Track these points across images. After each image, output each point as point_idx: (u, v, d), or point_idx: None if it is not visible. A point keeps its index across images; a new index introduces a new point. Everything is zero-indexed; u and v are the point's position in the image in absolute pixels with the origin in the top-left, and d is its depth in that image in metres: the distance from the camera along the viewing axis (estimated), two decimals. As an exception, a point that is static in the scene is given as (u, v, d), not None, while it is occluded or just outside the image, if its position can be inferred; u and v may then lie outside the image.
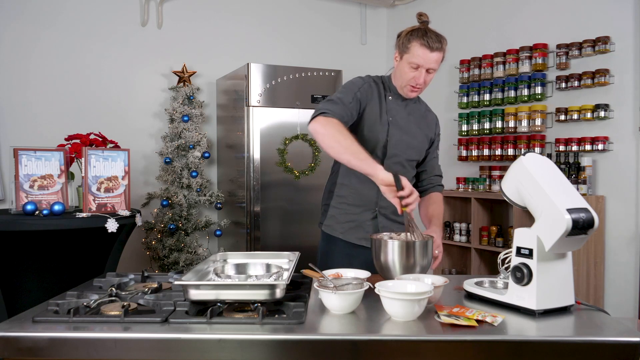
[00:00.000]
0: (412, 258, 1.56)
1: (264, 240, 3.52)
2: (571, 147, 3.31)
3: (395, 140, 1.88)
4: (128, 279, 1.66)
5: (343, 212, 1.94)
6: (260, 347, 1.16)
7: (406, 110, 1.93)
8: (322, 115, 1.74)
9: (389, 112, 1.89)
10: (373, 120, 1.87)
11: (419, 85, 1.85)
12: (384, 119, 1.88)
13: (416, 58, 1.78)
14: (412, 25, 1.84)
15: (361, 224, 1.92)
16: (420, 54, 1.78)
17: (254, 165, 3.48)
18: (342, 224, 1.93)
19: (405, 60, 1.82)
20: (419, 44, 1.77)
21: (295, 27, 4.42)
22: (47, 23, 3.57)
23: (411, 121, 1.94)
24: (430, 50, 1.77)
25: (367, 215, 1.92)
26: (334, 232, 1.95)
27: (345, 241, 1.93)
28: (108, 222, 2.38)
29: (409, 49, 1.80)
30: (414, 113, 1.96)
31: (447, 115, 4.23)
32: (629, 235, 3.17)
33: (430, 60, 1.79)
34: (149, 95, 3.89)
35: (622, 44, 3.16)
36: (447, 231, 3.97)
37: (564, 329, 1.26)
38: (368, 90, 1.87)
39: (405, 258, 1.56)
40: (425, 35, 1.78)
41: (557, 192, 1.31)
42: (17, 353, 1.16)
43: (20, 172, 2.44)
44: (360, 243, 1.91)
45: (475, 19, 4.07)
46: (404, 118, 1.92)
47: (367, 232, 1.90)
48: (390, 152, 1.88)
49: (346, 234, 1.93)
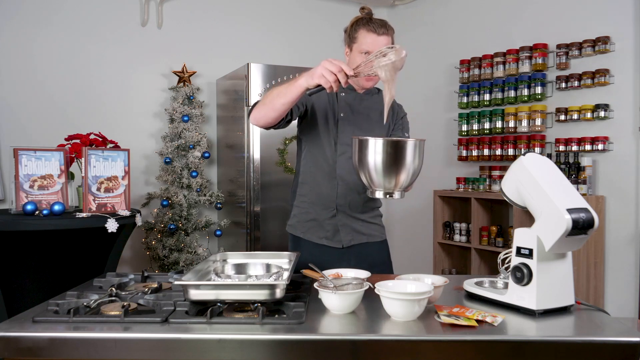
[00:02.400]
0: (403, 161, 1.43)
1: (264, 240, 3.52)
2: (571, 147, 3.31)
3: (347, 136, 1.88)
4: (128, 279, 1.66)
5: (304, 212, 1.97)
6: (260, 347, 1.16)
7: (362, 105, 1.94)
8: (254, 107, 1.77)
9: (341, 109, 1.91)
10: (323, 118, 1.90)
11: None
12: (334, 116, 1.90)
13: (365, 45, 1.80)
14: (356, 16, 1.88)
15: (321, 223, 1.93)
16: (369, 40, 1.80)
17: (254, 165, 3.48)
18: (304, 224, 1.96)
19: (356, 50, 1.83)
20: (366, 30, 1.81)
21: (295, 27, 4.42)
22: (47, 23, 3.57)
23: (365, 115, 1.93)
24: (377, 34, 1.80)
25: (326, 214, 1.93)
26: (297, 232, 1.98)
27: (308, 240, 1.95)
28: (108, 222, 2.38)
29: (357, 38, 1.83)
30: (371, 105, 1.95)
31: (447, 115, 4.23)
32: (629, 235, 3.17)
33: (379, 45, 1.77)
34: (149, 95, 3.89)
35: (622, 44, 3.16)
36: (447, 231, 3.97)
37: (564, 329, 1.26)
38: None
39: (393, 159, 1.43)
40: (370, 22, 1.82)
41: (557, 192, 1.31)
42: (17, 353, 1.16)
43: (20, 172, 2.44)
44: (321, 242, 1.93)
45: (475, 19, 4.07)
46: (358, 112, 1.92)
47: (327, 231, 1.92)
48: (341, 149, 1.89)
49: (307, 234, 1.95)
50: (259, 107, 1.74)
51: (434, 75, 4.32)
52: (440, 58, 4.27)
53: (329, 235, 1.93)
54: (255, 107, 1.77)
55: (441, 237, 3.98)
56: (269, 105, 1.69)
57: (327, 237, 1.93)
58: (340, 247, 1.93)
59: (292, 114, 1.80)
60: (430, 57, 4.35)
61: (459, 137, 4.05)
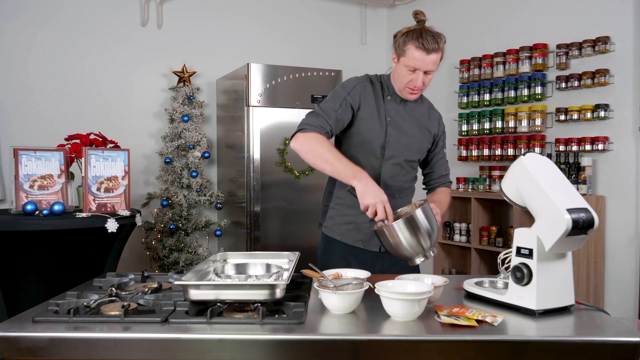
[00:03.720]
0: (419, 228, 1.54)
1: (264, 240, 3.52)
2: (571, 147, 3.31)
3: (394, 141, 1.87)
4: (128, 279, 1.66)
5: (341, 214, 1.93)
6: (260, 347, 1.16)
7: (405, 110, 1.90)
8: (300, 132, 1.76)
9: (388, 113, 1.87)
10: (370, 121, 1.85)
11: (417, 88, 1.81)
12: (382, 119, 1.86)
13: (412, 61, 1.73)
14: (408, 26, 1.79)
15: (359, 226, 1.90)
16: (417, 56, 1.72)
17: (254, 165, 3.48)
18: (340, 226, 1.93)
19: (402, 63, 1.77)
20: (415, 46, 1.71)
21: (295, 27, 4.42)
22: (47, 23, 3.57)
23: (410, 121, 1.91)
24: (427, 52, 1.71)
25: (364, 217, 1.91)
26: (332, 234, 1.95)
27: (343, 243, 1.93)
28: (108, 222, 2.38)
29: (405, 51, 1.74)
30: (414, 112, 1.93)
31: (447, 115, 4.22)
32: (629, 235, 3.17)
33: (428, 63, 1.74)
34: (149, 95, 3.89)
35: (622, 44, 3.16)
36: (447, 231, 3.97)
37: (564, 329, 1.26)
38: (362, 92, 1.85)
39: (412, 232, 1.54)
40: (420, 37, 1.71)
41: (557, 192, 1.31)
42: (17, 353, 1.16)
43: (20, 172, 2.44)
44: (357, 245, 1.91)
45: (475, 19, 4.07)
46: (403, 118, 1.89)
47: (365, 233, 1.89)
48: (388, 153, 1.87)
49: (344, 236, 1.92)
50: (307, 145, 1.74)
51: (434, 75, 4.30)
52: (440, 58, 4.27)
53: (366, 238, 1.90)
54: (305, 140, 1.75)
55: (441, 237, 3.98)
56: (312, 158, 1.73)
57: (364, 240, 1.90)
58: (378, 250, 1.91)
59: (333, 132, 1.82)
60: (430, 57, 4.35)
61: (459, 137, 4.05)
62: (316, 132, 1.74)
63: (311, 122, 1.77)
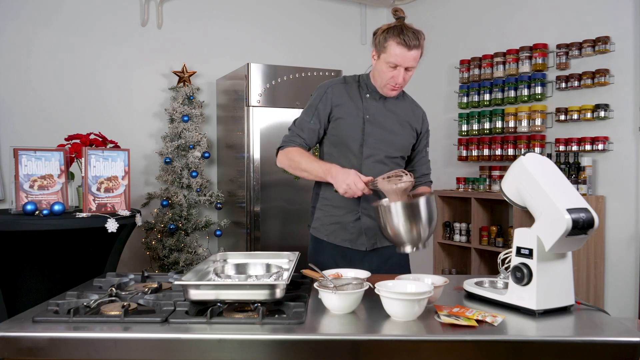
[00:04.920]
0: (421, 216, 1.55)
1: (264, 240, 3.52)
2: (571, 147, 3.31)
3: (374, 139, 1.87)
4: (128, 279, 1.66)
5: (327, 215, 1.95)
6: (260, 347, 1.16)
7: (386, 107, 1.92)
8: (280, 150, 1.90)
9: (367, 110, 1.88)
10: (347, 120, 1.88)
11: (398, 85, 1.82)
12: (359, 118, 1.88)
13: (394, 57, 1.75)
14: (388, 23, 1.82)
15: (345, 226, 1.92)
16: (398, 52, 1.73)
17: (254, 165, 3.48)
18: (327, 226, 1.94)
19: (383, 60, 1.78)
20: (396, 42, 1.73)
21: (295, 27, 4.42)
22: (47, 23, 3.57)
23: (391, 117, 1.92)
24: (409, 48, 1.73)
25: (350, 217, 1.92)
26: (320, 235, 1.96)
27: (330, 243, 1.94)
28: (108, 222, 2.38)
29: (386, 48, 1.76)
30: (395, 109, 1.93)
31: (447, 115, 4.23)
32: (629, 235, 3.17)
33: (409, 59, 1.75)
34: (149, 95, 3.89)
35: (622, 44, 3.16)
36: (447, 231, 3.96)
37: (564, 329, 1.26)
38: (333, 95, 1.88)
39: (413, 217, 1.54)
40: (402, 33, 1.73)
41: (557, 192, 1.31)
42: (17, 353, 1.16)
43: (20, 172, 2.44)
44: (344, 244, 1.92)
45: (475, 19, 4.07)
46: (383, 115, 1.90)
47: (351, 233, 1.91)
48: (367, 151, 1.88)
49: (330, 236, 1.94)
50: (285, 161, 1.88)
51: (434, 75, 4.31)
52: (440, 58, 4.27)
53: (353, 238, 1.92)
54: (282, 157, 1.89)
55: (441, 237, 3.98)
56: (293, 171, 1.87)
57: (351, 240, 1.92)
58: (364, 250, 1.92)
59: (308, 143, 1.92)
60: (430, 57, 4.33)
61: (459, 137, 4.05)
62: (291, 146, 1.88)
63: (286, 138, 1.92)
